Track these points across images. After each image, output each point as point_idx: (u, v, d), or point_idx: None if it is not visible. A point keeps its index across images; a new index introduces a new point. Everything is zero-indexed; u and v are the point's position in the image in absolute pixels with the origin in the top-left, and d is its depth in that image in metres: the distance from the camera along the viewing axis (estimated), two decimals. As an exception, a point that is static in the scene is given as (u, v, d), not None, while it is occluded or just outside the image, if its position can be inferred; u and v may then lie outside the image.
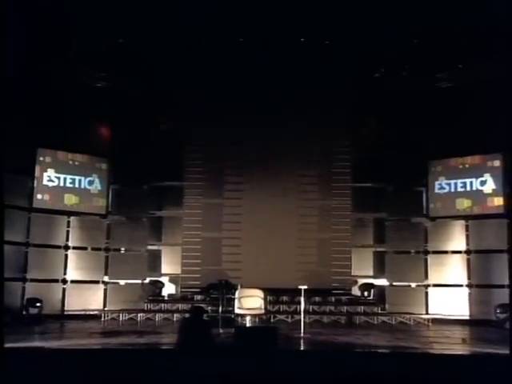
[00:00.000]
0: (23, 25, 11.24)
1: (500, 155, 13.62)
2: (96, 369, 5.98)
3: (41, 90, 13.08)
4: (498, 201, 13.56)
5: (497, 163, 13.71)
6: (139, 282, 14.17)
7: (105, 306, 13.96)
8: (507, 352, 8.32)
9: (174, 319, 12.71)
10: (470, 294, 13.73)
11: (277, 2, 11.18)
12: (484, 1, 10.70)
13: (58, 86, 13.56)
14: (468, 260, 13.91)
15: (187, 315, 10.36)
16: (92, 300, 13.91)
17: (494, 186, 13.68)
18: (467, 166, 14.15)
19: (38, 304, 12.61)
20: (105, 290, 14.17)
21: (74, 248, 14.06)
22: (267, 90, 13.98)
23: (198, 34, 12.46)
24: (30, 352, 7.76)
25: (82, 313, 13.41)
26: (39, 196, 13.64)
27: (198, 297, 13.62)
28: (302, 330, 10.14)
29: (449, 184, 14.31)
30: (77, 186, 14.22)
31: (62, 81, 13.70)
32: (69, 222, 14.09)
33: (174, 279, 14.53)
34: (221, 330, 10.01)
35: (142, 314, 13.09)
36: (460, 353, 9.19)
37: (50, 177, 13.85)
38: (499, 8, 10.52)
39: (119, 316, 13.01)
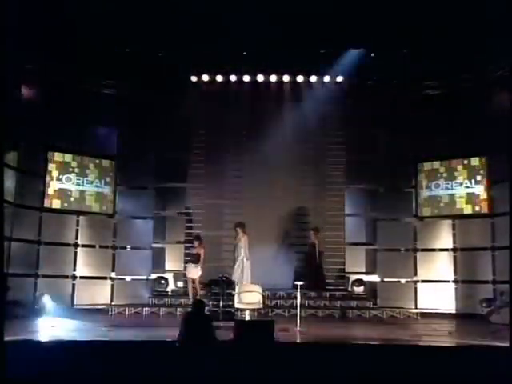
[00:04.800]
0: (35, 32, 11.31)
1: (484, 158, 13.67)
2: (103, 359, 5.97)
3: (52, 96, 13.14)
4: (483, 201, 13.59)
5: (481, 166, 13.73)
6: (144, 277, 14.16)
7: (112, 300, 13.94)
8: (492, 344, 8.37)
9: (178, 313, 12.69)
10: (456, 289, 13.72)
11: (278, 9, 11.19)
12: (469, 12, 10.78)
13: (68, 92, 13.60)
14: (454, 257, 13.91)
15: (190, 309, 10.33)
16: (100, 295, 13.89)
17: (478, 188, 13.71)
18: (453, 168, 14.16)
19: (49, 298, 12.58)
20: (112, 285, 14.14)
21: (83, 246, 14.04)
22: (267, 94, 13.99)
23: (200, 40, 12.45)
24: (38, 344, 7.75)
25: (91, 307, 13.39)
26: (50, 196, 13.65)
27: (200, 292, 13.57)
28: (298, 324, 10.12)
29: (436, 185, 14.32)
30: (85, 187, 14.21)
31: (71, 87, 13.75)
32: (78, 221, 14.07)
33: (177, 275, 14.49)
34: (221, 324, 9.98)
35: (146, 308, 13.07)
36: (447, 344, 9.18)
37: (60, 179, 13.85)
38: (485, 19, 10.65)
39: (125, 310, 13.00)
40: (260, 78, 14.53)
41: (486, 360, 6.20)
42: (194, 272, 12.90)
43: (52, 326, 10.27)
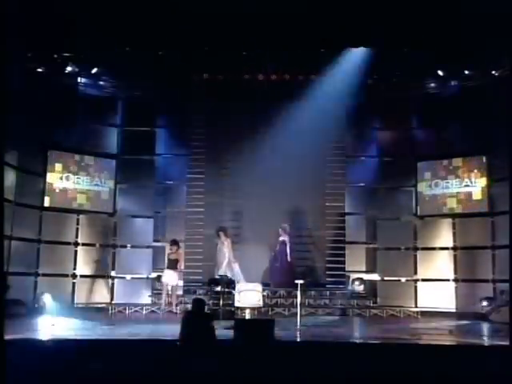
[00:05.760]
0: (36, 31, 11.30)
1: (484, 157, 13.66)
2: (103, 358, 5.97)
3: (52, 94, 13.16)
4: (483, 200, 13.57)
5: (481, 165, 13.70)
6: (145, 276, 14.16)
7: (112, 299, 13.94)
8: (492, 343, 8.38)
9: (178, 312, 12.69)
10: (456, 288, 13.71)
11: (277, 7, 11.14)
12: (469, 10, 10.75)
13: (68, 91, 13.72)
14: (455, 256, 13.90)
15: (190, 308, 10.34)
16: (100, 294, 13.88)
17: (478, 186, 13.69)
18: (453, 167, 14.14)
19: (49, 297, 12.58)
20: (112, 284, 14.14)
21: (83, 244, 14.04)
22: (267, 93, 13.99)
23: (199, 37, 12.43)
24: (38, 342, 7.75)
25: (91, 306, 13.38)
26: (50, 195, 13.64)
27: (200, 291, 13.57)
28: (299, 322, 10.11)
29: (436, 184, 14.31)
30: (85, 186, 14.20)
31: (72, 86, 13.88)
32: (78, 219, 14.07)
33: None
34: (221, 323, 9.98)
35: (147, 307, 13.06)
36: (448, 343, 9.18)
37: (60, 177, 13.84)
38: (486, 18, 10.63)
39: (125, 309, 13.00)
40: (260, 77, 14.50)
41: (486, 359, 6.21)
42: (172, 278, 12.47)
43: (52, 324, 10.27)
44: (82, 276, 13.82)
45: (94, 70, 13.84)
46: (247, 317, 11.05)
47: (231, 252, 12.82)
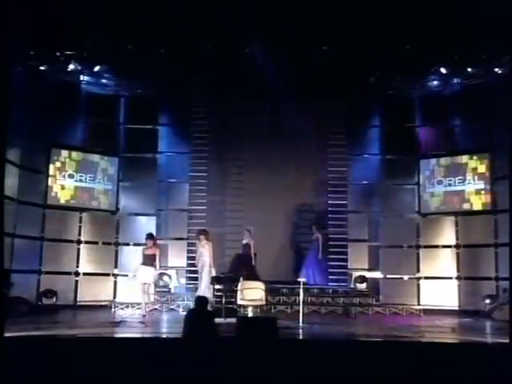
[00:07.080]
0: (38, 31, 11.32)
1: (487, 155, 13.62)
2: (105, 356, 5.96)
3: (54, 93, 13.21)
4: (486, 198, 13.54)
5: (484, 162, 13.67)
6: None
7: (114, 297, 13.94)
8: (495, 340, 8.36)
9: (180, 310, 12.69)
10: (459, 285, 13.69)
11: (278, 6, 11.13)
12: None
13: (71, 90, 13.81)
14: (457, 254, 13.88)
15: (192, 306, 10.34)
16: (103, 291, 13.89)
17: (481, 184, 13.66)
18: (457, 165, 14.10)
19: (53, 295, 12.61)
20: (114, 282, 14.15)
21: (86, 242, 14.05)
22: (269, 91, 13.97)
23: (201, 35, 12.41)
24: (40, 340, 7.75)
25: (93, 303, 13.39)
26: (53, 193, 13.66)
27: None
28: (301, 320, 10.11)
29: (439, 182, 14.28)
30: (88, 183, 14.21)
31: (74, 85, 13.97)
32: (81, 217, 14.09)
33: (180, 272, 14.48)
34: (224, 320, 9.98)
35: (149, 305, 13.05)
36: (450, 341, 9.17)
37: (63, 175, 13.86)
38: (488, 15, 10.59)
39: (128, 307, 12.99)
40: (262, 76, 14.45)
41: (488, 357, 6.19)
42: (147, 275, 11.78)
43: (55, 322, 10.28)
44: (84, 274, 13.83)
45: (97, 68, 13.90)
46: (250, 314, 11.03)
47: (211, 256, 12.49)
